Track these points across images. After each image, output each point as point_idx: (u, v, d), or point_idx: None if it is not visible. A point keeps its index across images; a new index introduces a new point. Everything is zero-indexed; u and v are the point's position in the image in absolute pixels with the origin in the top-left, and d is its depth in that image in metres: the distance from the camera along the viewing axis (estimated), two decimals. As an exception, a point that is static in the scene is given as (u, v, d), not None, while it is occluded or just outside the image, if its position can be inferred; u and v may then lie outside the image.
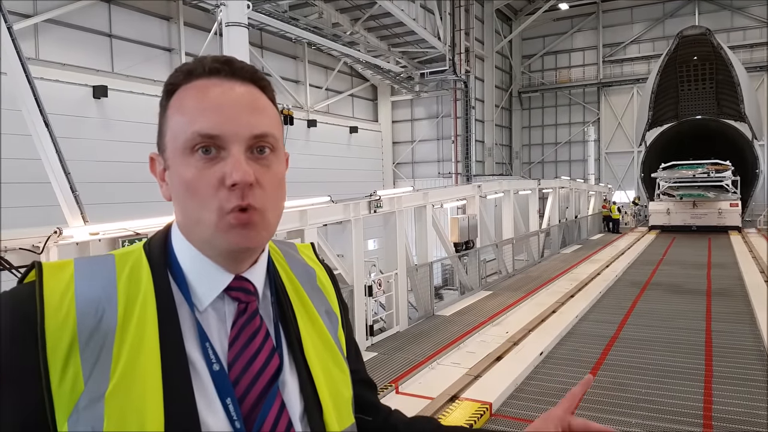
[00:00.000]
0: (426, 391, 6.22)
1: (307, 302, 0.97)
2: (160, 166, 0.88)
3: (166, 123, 0.85)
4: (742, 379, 6.54)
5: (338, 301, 1.06)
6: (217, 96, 0.82)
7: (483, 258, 13.58)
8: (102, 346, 0.76)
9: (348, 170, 26.07)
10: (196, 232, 0.84)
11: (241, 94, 0.84)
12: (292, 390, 0.87)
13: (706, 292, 11.67)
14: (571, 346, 8.10)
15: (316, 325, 0.96)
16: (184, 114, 0.82)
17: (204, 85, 0.83)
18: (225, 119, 0.81)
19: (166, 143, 0.85)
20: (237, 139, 0.81)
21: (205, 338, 0.82)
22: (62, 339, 0.75)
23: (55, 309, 0.76)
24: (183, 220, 0.85)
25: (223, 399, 0.80)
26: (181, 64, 0.88)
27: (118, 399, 0.74)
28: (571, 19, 36.55)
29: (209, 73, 0.84)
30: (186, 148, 0.81)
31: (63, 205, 6.04)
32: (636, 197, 32.14)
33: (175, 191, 0.84)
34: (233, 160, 0.80)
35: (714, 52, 24.66)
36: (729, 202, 24.16)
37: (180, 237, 0.87)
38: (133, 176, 15.38)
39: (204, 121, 0.81)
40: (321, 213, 7.99)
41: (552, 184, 20.77)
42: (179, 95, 0.84)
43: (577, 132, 36.44)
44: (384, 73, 26.58)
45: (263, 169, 0.83)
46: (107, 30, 16.33)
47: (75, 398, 0.74)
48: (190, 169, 0.81)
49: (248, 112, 0.83)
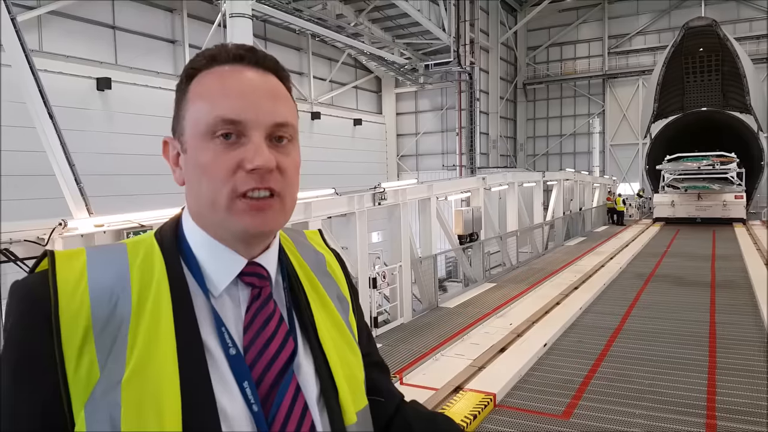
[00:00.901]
0: (430, 382, 6.24)
1: (319, 288, 0.98)
2: (173, 150, 0.88)
3: (185, 107, 0.85)
4: (745, 370, 6.54)
5: (348, 287, 1.06)
6: (241, 82, 0.83)
7: (487, 250, 13.58)
8: (117, 333, 0.76)
9: (352, 162, 26.05)
10: (210, 215, 0.83)
11: (264, 82, 0.85)
12: (308, 373, 0.88)
13: (710, 284, 11.65)
14: (575, 337, 8.10)
15: (328, 310, 0.96)
16: (206, 99, 0.82)
17: (227, 71, 0.84)
18: (247, 105, 0.81)
19: (184, 127, 0.84)
20: (258, 125, 0.82)
21: (220, 323, 0.83)
22: (77, 327, 0.75)
23: (69, 297, 0.76)
24: (196, 203, 0.85)
25: (240, 383, 0.80)
26: (203, 50, 0.88)
27: (135, 385, 0.74)
28: (576, 10, 36.31)
29: (233, 60, 0.84)
30: (207, 133, 0.81)
31: (68, 197, 6.07)
32: (640, 189, 32.04)
33: (189, 174, 0.84)
34: (254, 145, 0.81)
35: (720, 43, 24.45)
36: (734, 194, 24.07)
37: (192, 224, 0.87)
38: (137, 168, 15.46)
39: (227, 106, 0.81)
40: (325, 205, 8.00)
41: (556, 176, 20.72)
42: (201, 80, 0.84)
43: (582, 124, 36.29)
44: (388, 65, 26.48)
45: (283, 155, 0.84)
46: (111, 22, 16.32)
47: (91, 386, 0.74)
48: (208, 152, 0.81)
49: (270, 100, 0.84)
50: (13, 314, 0.77)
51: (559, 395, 5.98)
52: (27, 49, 6.27)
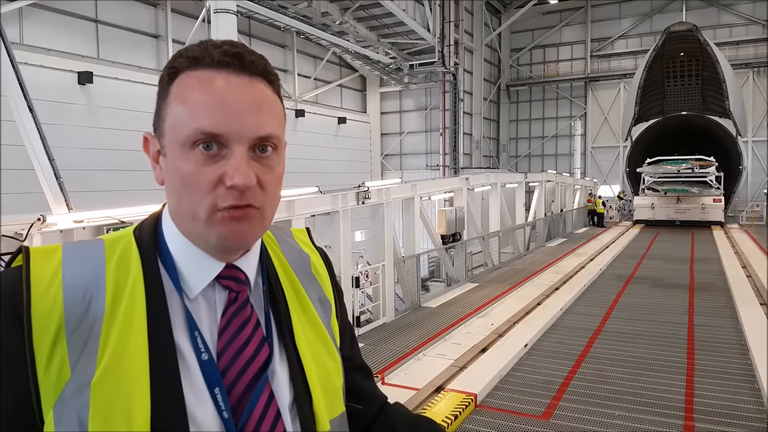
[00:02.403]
0: (412, 382, 6.25)
1: (300, 290, 0.96)
2: (154, 147, 0.85)
3: (166, 108, 0.81)
4: (723, 372, 6.65)
5: (333, 287, 1.04)
6: (223, 92, 0.79)
7: (469, 250, 13.64)
8: (89, 333, 0.75)
9: (336, 161, 26.00)
10: (189, 225, 0.82)
11: (248, 92, 0.81)
12: (282, 380, 0.86)
13: (689, 286, 11.83)
14: (556, 338, 8.17)
15: (308, 314, 0.95)
16: (186, 105, 0.79)
17: (210, 77, 0.80)
18: (230, 118, 0.78)
19: (164, 130, 0.82)
20: (240, 139, 0.79)
21: (194, 327, 0.81)
22: (49, 325, 0.74)
23: (42, 295, 0.75)
24: (176, 211, 0.84)
25: (212, 389, 0.79)
26: (186, 47, 0.83)
27: (104, 387, 0.73)
28: (559, 13, 36.61)
29: (218, 66, 0.80)
30: (186, 143, 0.78)
31: (47, 192, 5.97)
32: (621, 191, 32.44)
33: (170, 182, 0.82)
34: (235, 161, 0.78)
35: (700, 48, 24.82)
36: (712, 198, 24.48)
37: (171, 224, 0.86)
38: (118, 164, 15.27)
39: (208, 117, 0.78)
40: (309, 203, 7.98)
41: (538, 177, 20.88)
42: (182, 82, 0.81)
43: (563, 126, 36.61)
44: (373, 64, 26.46)
45: (265, 169, 0.82)
46: (93, 15, 16.08)
47: (61, 386, 0.73)
48: (189, 164, 0.78)
49: (254, 111, 0.80)
50: None
51: (539, 396, 6.03)
52: (7, 41, 6.15)
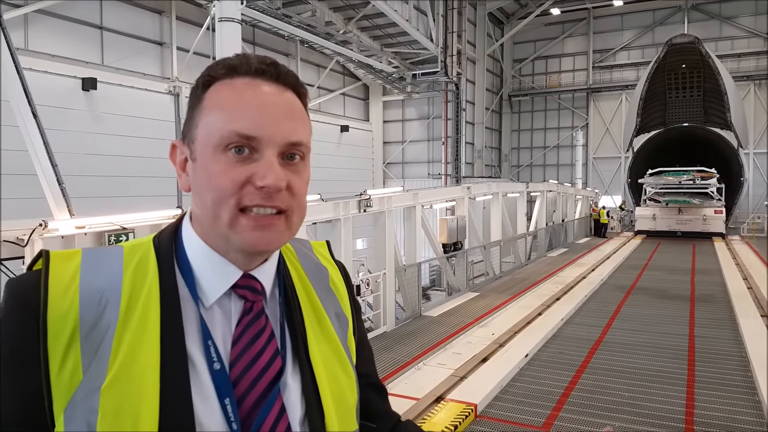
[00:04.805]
0: (412, 391, 6.23)
1: (317, 304, 0.95)
2: (181, 155, 0.86)
3: (199, 115, 0.83)
4: (724, 384, 6.62)
5: (351, 303, 1.03)
6: (260, 97, 0.82)
7: (471, 259, 13.63)
8: (103, 338, 0.76)
9: (338, 169, 26.03)
10: (213, 227, 0.82)
11: (283, 99, 0.83)
12: (294, 393, 0.86)
13: (690, 297, 11.80)
14: (556, 348, 8.15)
15: (324, 328, 0.94)
16: (222, 110, 0.81)
17: (247, 83, 0.82)
18: (264, 121, 0.80)
19: (196, 135, 0.83)
20: (273, 143, 0.80)
21: (207, 336, 0.81)
22: (64, 329, 0.75)
23: (59, 299, 0.76)
24: (201, 213, 0.84)
25: (222, 399, 0.79)
26: (223, 58, 0.86)
27: (114, 393, 0.73)
28: (562, 24, 36.75)
29: (254, 73, 0.83)
30: (220, 145, 0.80)
31: (49, 197, 6.00)
32: (622, 202, 32.46)
33: (197, 184, 0.83)
34: (267, 162, 0.80)
35: (702, 60, 24.91)
36: (714, 209, 24.47)
37: (191, 231, 0.86)
38: (121, 170, 15.32)
39: (244, 120, 0.79)
40: (310, 211, 7.98)
41: (540, 187, 20.89)
42: (218, 89, 0.83)
43: (565, 136, 36.65)
44: (376, 73, 26.57)
45: (294, 174, 0.83)
46: (98, 22, 16.17)
47: (73, 389, 0.73)
48: (219, 165, 0.80)
49: (287, 117, 0.82)
50: (3, 310, 0.77)
51: (539, 406, 6.01)
52: (12, 47, 6.20)
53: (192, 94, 0.86)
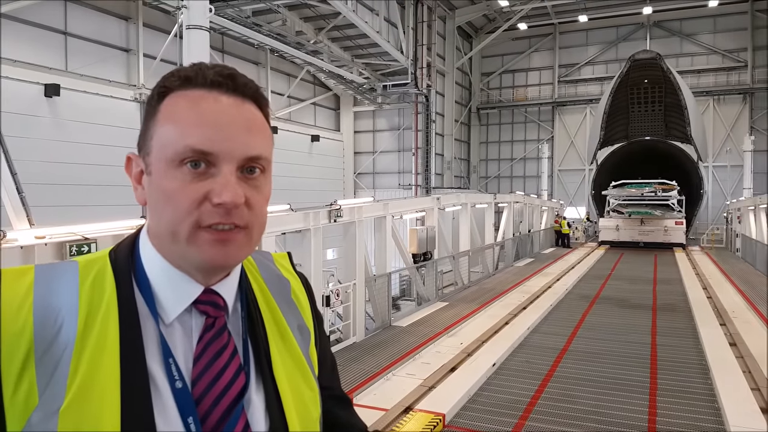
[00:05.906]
0: (381, 402, 6.22)
1: (279, 317, 0.93)
2: (137, 168, 0.84)
3: (153, 127, 0.80)
4: (685, 391, 6.79)
5: (313, 314, 1.01)
6: (215, 111, 0.79)
7: (440, 269, 13.71)
8: (60, 358, 0.72)
9: (308, 179, 25.95)
10: (170, 244, 0.79)
11: (240, 112, 0.81)
12: (258, 409, 0.84)
13: (652, 306, 12.08)
14: (523, 357, 8.24)
15: (286, 342, 0.92)
16: (177, 124, 0.78)
17: (202, 96, 0.79)
18: (220, 137, 0.78)
19: (150, 148, 0.80)
20: (230, 158, 0.78)
21: (168, 354, 0.79)
22: (18, 349, 0.71)
23: (11, 317, 0.72)
24: (157, 229, 0.81)
25: (185, 418, 0.77)
26: (178, 68, 0.83)
27: (73, 415, 0.70)
28: (529, 39, 37.52)
29: (210, 85, 0.80)
30: (174, 160, 0.77)
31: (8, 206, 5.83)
32: (587, 214, 33.12)
33: (153, 199, 0.80)
34: (223, 179, 0.77)
35: (664, 76, 25.70)
36: (674, 220, 25.16)
37: (149, 245, 0.83)
38: (85, 179, 14.98)
39: (198, 135, 0.77)
40: (280, 221, 7.94)
41: (507, 198, 21.19)
42: (173, 101, 0.80)
43: (531, 149, 37.29)
44: (347, 84, 26.66)
45: (253, 189, 0.81)
46: (62, 27, 15.86)
47: (28, 412, 0.70)
48: (175, 181, 0.77)
49: (245, 131, 0.80)
50: None
51: (506, 416, 6.06)
52: (-29, 51, 6.03)
53: (147, 105, 0.83)
